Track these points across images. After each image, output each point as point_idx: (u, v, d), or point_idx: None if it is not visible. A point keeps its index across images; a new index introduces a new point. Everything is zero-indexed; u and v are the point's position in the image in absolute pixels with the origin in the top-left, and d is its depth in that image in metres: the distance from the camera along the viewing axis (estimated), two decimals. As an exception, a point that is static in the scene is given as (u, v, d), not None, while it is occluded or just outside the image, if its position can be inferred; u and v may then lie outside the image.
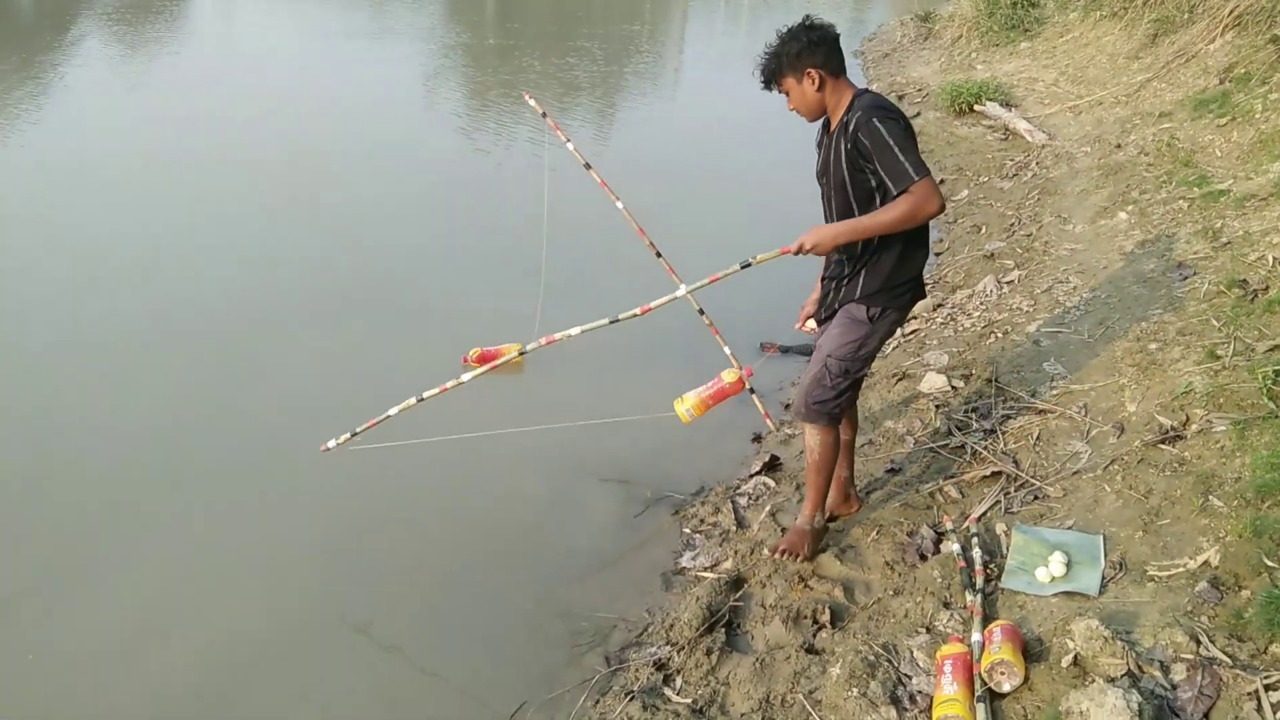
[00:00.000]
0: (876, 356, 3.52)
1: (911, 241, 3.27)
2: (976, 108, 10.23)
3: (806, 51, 3.16)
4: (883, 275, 3.28)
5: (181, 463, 4.50)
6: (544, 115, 4.82)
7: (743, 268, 3.36)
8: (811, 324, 3.65)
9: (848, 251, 3.32)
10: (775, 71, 3.24)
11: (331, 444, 4.05)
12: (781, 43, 3.20)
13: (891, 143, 3.02)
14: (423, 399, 3.97)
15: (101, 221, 7.28)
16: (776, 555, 3.67)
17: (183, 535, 4.05)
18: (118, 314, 5.83)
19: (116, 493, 4.28)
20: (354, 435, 4.04)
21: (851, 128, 3.11)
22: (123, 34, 15.52)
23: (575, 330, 3.76)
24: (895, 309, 3.36)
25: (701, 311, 4.46)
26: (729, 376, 4.23)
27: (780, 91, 3.30)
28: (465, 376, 3.96)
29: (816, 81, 3.18)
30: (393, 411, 3.98)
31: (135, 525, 4.09)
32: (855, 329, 3.34)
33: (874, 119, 3.04)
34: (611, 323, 3.71)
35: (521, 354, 3.99)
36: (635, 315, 3.67)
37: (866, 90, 3.24)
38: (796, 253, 3.22)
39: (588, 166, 4.55)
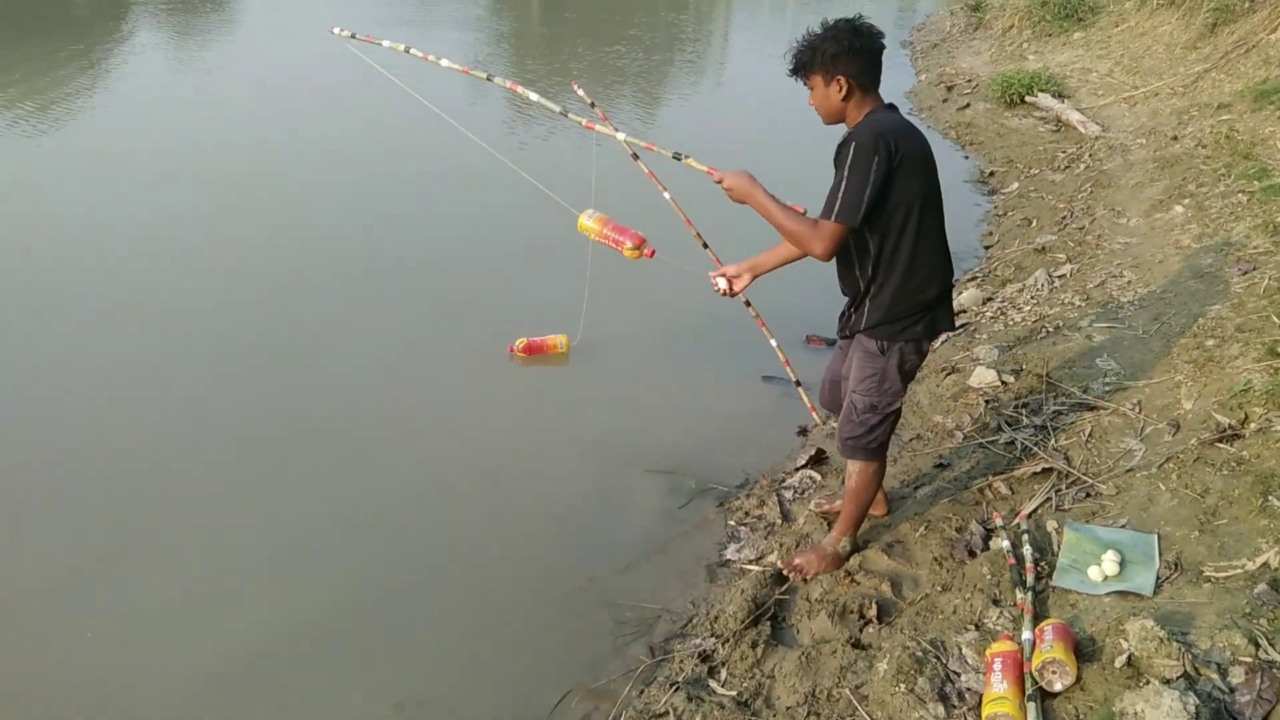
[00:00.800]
0: (904, 392, 3.34)
1: (913, 274, 3.09)
2: (1028, 99, 10.07)
3: (844, 57, 2.99)
4: (883, 308, 3.13)
5: (230, 443, 4.57)
6: (592, 105, 4.82)
7: (674, 157, 3.75)
8: (722, 283, 3.62)
9: (848, 282, 3.24)
10: (806, 64, 3.07)
11: (336, 30, 4.61)
12: (821, 38, 3.02)
13: (846, 172, 2.92)
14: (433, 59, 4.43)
15: (152, 203, 7.40)
16: (789, 571, 3.62)
17: (230, 515, 4.12)
18: (165, 293, 5.92)
19: (169, 469, 4.36)
20: (354, 36, 4.57)
21: (842, 138, 3.05)
22: (176, 24, 15.76)
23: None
24: (904, 341, 3.17)
25: (748, 304, 4.43)
26: (629, 246, 4.32)
27: (805, 85, 3.15)
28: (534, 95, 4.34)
29: (844, 90, 3.02)
30: (384, 43, 4.49)
31: (185, 504, 4.16)
32: (871, 362, 3.22)
33: (856, 141, 2.92)
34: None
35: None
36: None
37: (888, 109, 3.10)
38: (717, 181, 3.32)
39: (635, 157, 4.54)
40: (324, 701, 3.28)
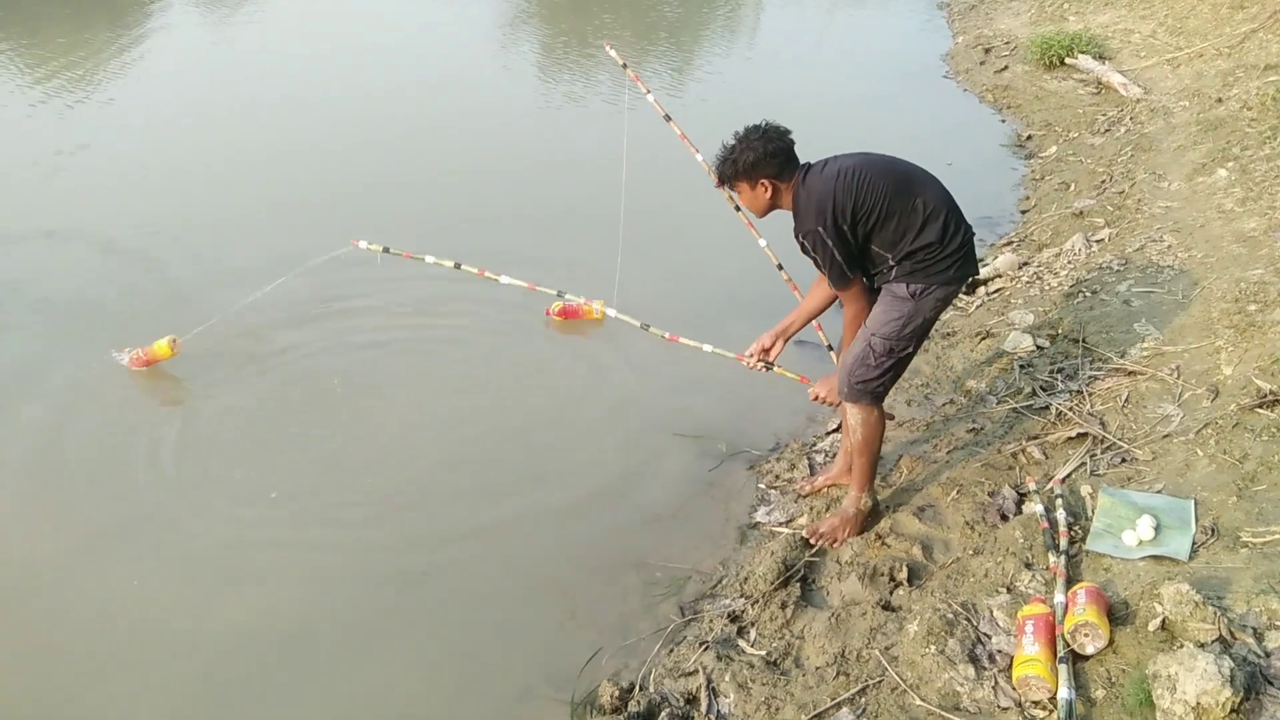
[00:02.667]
0: (927, 335, 3.47)
1: (929, 242, 3.27)
2: (1068, 61, 9.85)
3: (761, 162, 3.30)
4: (908, 269, 3.30)
5: (256, 403, 4.63)
6: (624, 66, 4.78)
7: (765, 366, 3.74)
8: (753, 358, 3.70)
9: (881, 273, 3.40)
10: (730, 176, 3.39)
11: (363, 244, 4.34)
12: (738, 150, 3.32)
13: (816, 257, 3.29)
14: (460, 266, 4.34)
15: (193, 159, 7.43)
16: (815, 539, 3.61)
17: (266, 474, 4.18)
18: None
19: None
20: (386, 250, 4.36)
21: (794, 231, 3.34)
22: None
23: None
24: (940, 284, 3.31)
25: (780, 267, 4.40)
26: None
27: (732, 191, 3.49)
28: (504, 279, 4.32)
29: (769, 190, 3.34)
30: (429, 259, 4.34)
31: (209, 480, 4.23)
32: (898, 306, 3.31)
33: (803, 233, 3.27)
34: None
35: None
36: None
37: (807, 172, 3.33)
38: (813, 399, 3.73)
39: (668, 118, 4.51)
40: (362, 660, 3.34)
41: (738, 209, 4.41)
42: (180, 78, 9.84)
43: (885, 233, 3.25)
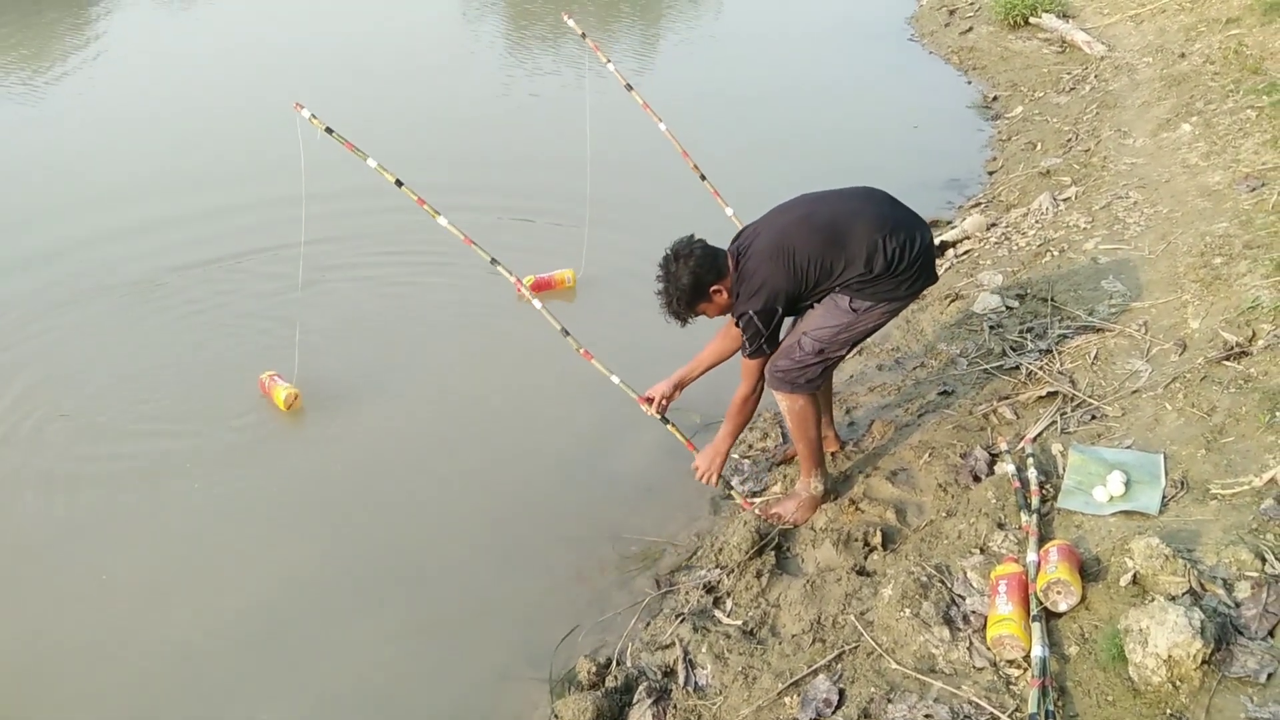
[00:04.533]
0: (860, 344, 3.44)
1: (876, 278, 3.20)
2: (1032, 20, 9.84)
3: (701, 277, 3.20)
4: (860, 284, 3.23)
5: (217, 387, 4.57)
6: (584, 36, 4.72)
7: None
8: (653, 405, 3.62)
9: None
10: (686, 308, 3.28)
11: (306, 113, 3.84)
12: (672, 287, 3.22)
13: (752, 335, 3.24)
14: (401, 185, 3.91)
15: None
16: (767, 519, 3.57)
17: (244, 464, 4.12)
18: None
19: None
20: (330, 131, 3.82)
21: (735, 313, 3.28)
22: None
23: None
24: (886, 302, 3.27)
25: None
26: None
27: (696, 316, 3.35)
28: (442, 220, 3.95)
29: (723, 293, 3.25)
30: (371, 162, 3.86)
31: (176, 464, 4.17)
32: (838, 315, 3.27)
33: (749, 316, 3.20)
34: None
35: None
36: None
37: (736, 257, 3.26)
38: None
39: (629, 88, 4.46)
40: (334, 643, 3.31)
41: (703, 178, 4.37)
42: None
43: (828, 281, 3.23)
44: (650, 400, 3.60)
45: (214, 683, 3.18)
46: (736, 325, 3.29)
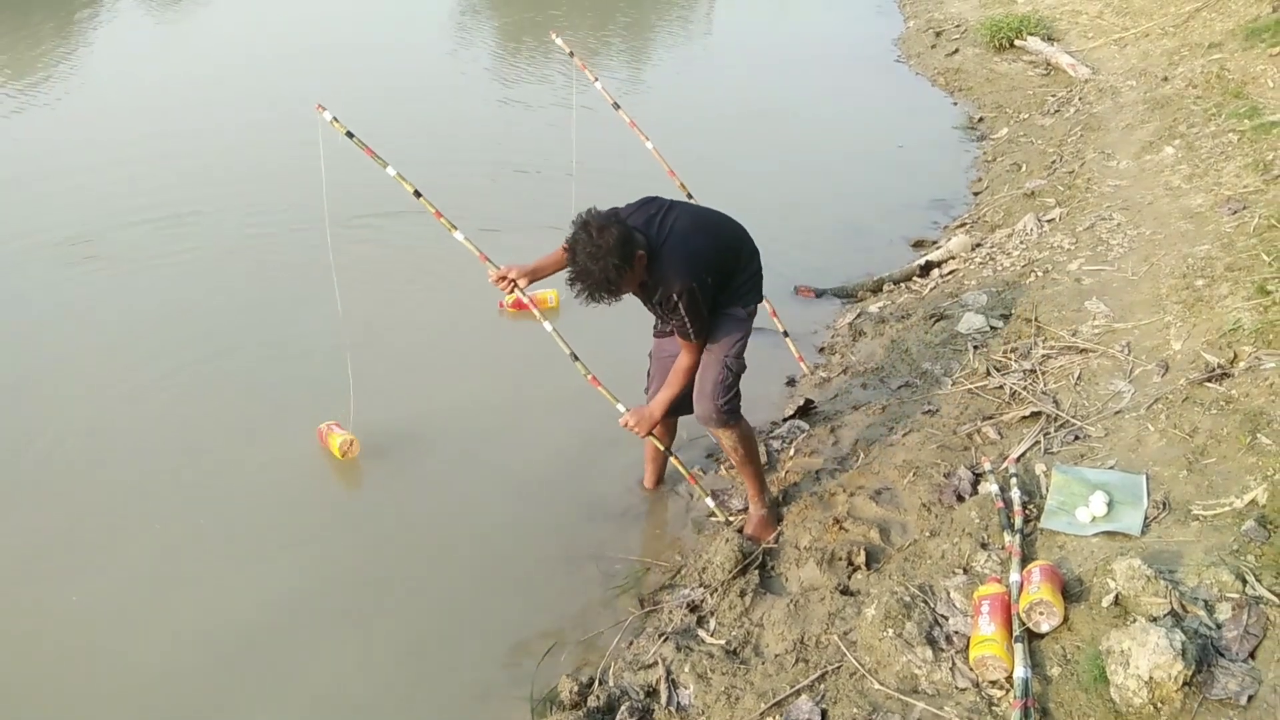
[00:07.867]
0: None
1: (742, 281, 3.41)
2: (1017, 43, 9.94)
3: (631, 239, 3.08)
4: (743, 287, 3.42)
5: (211, 397, 4.54)
6: (571, 55, 4.73)
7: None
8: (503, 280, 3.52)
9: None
10: (615, 287, 3.10)
11: (328, 115, 3.74)
12: (600, 267, 3.02)
13: (689, 316, 3.22)
14: (420, 195, 3.85)
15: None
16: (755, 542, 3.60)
17: (229, 486, 4.09)
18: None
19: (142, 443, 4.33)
20: (351, 135, 3.75)
21: (655, 289, 3.23)
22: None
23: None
24: (754, 302, 3.49)
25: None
26: None
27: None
28: (459, 235, 3.86)
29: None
30: (390, 170, 3.79)
31: (171, 478, 4.14)
32: (740, 325, 3.43)
33: (679, 290, 3.15)
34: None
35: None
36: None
37: (657, 240, 3.21)
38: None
39: (616, 106, 4.47)
40: (314, 660, 3.28)
41: (690, 197, 4.38)
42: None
43: (734, 278, 3.38)
44: (504, 278, 3.52)
45: (196, 701, 3.13)
46: (665, 308, 3.25)
